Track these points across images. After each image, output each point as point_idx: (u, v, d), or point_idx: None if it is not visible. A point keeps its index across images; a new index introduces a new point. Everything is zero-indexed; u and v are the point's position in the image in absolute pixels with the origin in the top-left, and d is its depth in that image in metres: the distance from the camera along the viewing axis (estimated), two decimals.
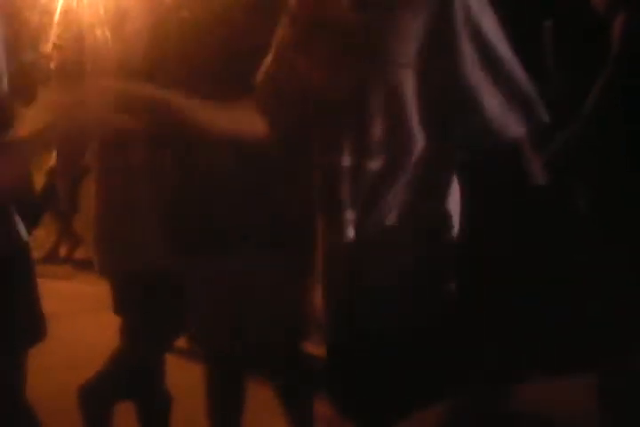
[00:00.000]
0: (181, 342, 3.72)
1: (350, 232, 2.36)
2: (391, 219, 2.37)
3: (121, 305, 2.99)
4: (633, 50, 2.66)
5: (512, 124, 2.33)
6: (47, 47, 2.65)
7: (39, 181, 5.27)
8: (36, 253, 4.75)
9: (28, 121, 2.23)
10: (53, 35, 2.68)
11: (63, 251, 5.68)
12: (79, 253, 5.60)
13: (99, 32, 2.68)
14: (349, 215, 2.36)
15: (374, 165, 2.32)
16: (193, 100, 2.24)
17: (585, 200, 2.77)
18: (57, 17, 2.73)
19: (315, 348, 3.22)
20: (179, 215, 2.79)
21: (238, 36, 2.61)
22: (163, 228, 2.82)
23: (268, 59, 2.41)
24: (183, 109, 2.22)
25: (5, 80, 2.19)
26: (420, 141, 2.31)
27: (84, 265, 5.34)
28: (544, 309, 2.60)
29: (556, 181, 2.75)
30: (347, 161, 2.34)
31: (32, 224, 3.05)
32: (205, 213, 2.74)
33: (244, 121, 2.37)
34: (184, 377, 3.20)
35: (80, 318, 3.57)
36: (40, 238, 5.12)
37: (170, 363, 3.11)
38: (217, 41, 2.65)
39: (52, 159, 3.86)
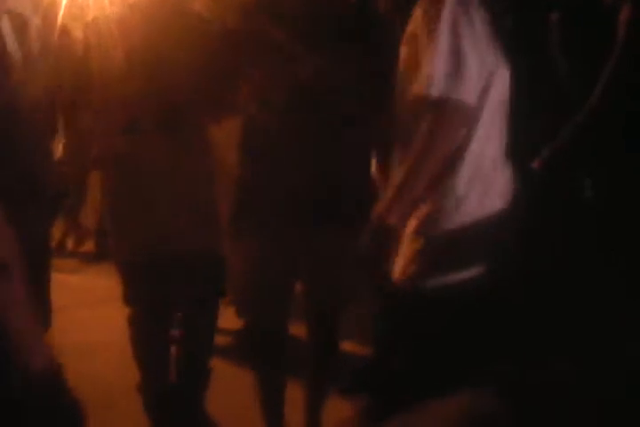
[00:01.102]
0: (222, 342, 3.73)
1: None
2: None
3: (131, 296, 2.99)
4: (637, 42, 2.65)
5: None
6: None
7: None
8: None
9: None
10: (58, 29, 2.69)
11: (70, 244, 5.68)
12: (86, 247, 5.60)
13: (104, 26, 2.69)
14: None
15: None
16: None
17: (590, 192, 2.77)
18: (62, 11, 2.74)
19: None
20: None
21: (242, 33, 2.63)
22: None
23: None
24: None
25: None
26: None
27: (91, 258, 5.35)
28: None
29: (562, 172, 2.76)
30: None
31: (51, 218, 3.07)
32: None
33: None
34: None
35: (87, 310, 3.58)
36: None
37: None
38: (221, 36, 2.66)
39: (59, 151, 3.85)
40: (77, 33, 2.76)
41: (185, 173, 2.82)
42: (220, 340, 3.78)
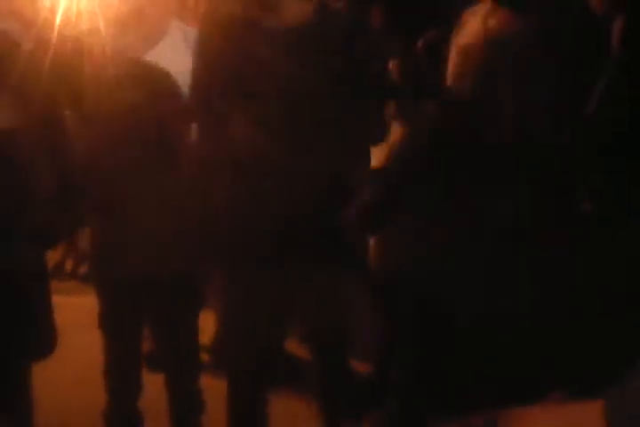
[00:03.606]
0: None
1: None
2: None
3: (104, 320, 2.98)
4: (633, 51, 2.65)
5: None
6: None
7: None
8: None
9: None
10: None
11: (68, 266, 5.66)
12: (84, 268, 5.57)
13: (98, 43, 2.69)
14: None
15: None
16: None
17: (589, 200, 2.76)
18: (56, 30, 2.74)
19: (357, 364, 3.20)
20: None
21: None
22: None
23: None
24: None
25: None
26: None
27: (89, 280, 5.32)
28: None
29: (561, 181, 2.75)
30: None
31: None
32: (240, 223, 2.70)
33: None
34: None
35: (86, 332, 3.54)
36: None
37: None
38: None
39: None
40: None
41: (168, 191, 2.81)
42: None
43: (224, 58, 2.55)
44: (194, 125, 2.84)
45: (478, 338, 2.53)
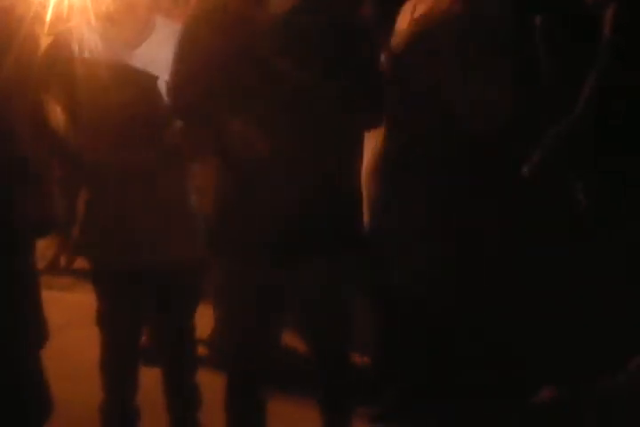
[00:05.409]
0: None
1: None
2: None
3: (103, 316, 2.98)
4: (624, 42, 2.65)
5: None
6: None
7: None
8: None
9: None
10: (43, 43, 2.68)
11: (62, 262, 5.64)
12: (79, 264, 5.56)
13: (88, 39, 2.68)
14: None
15: None
16: None
17: (582, 196, 2.76)
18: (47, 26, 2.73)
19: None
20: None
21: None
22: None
23: None
24: None
25: None
26: None
27: (84, 276, 5.31)
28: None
29: (552, 176, 2.75)
30: None
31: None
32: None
33: None
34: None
35: (81, 328, 3.56)
36: (40, 249, 5.09)
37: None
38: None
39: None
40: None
41: (162, 184, 2.81)
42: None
43: (213, 55, 2.51)
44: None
45: (475, 337, 2.54)
